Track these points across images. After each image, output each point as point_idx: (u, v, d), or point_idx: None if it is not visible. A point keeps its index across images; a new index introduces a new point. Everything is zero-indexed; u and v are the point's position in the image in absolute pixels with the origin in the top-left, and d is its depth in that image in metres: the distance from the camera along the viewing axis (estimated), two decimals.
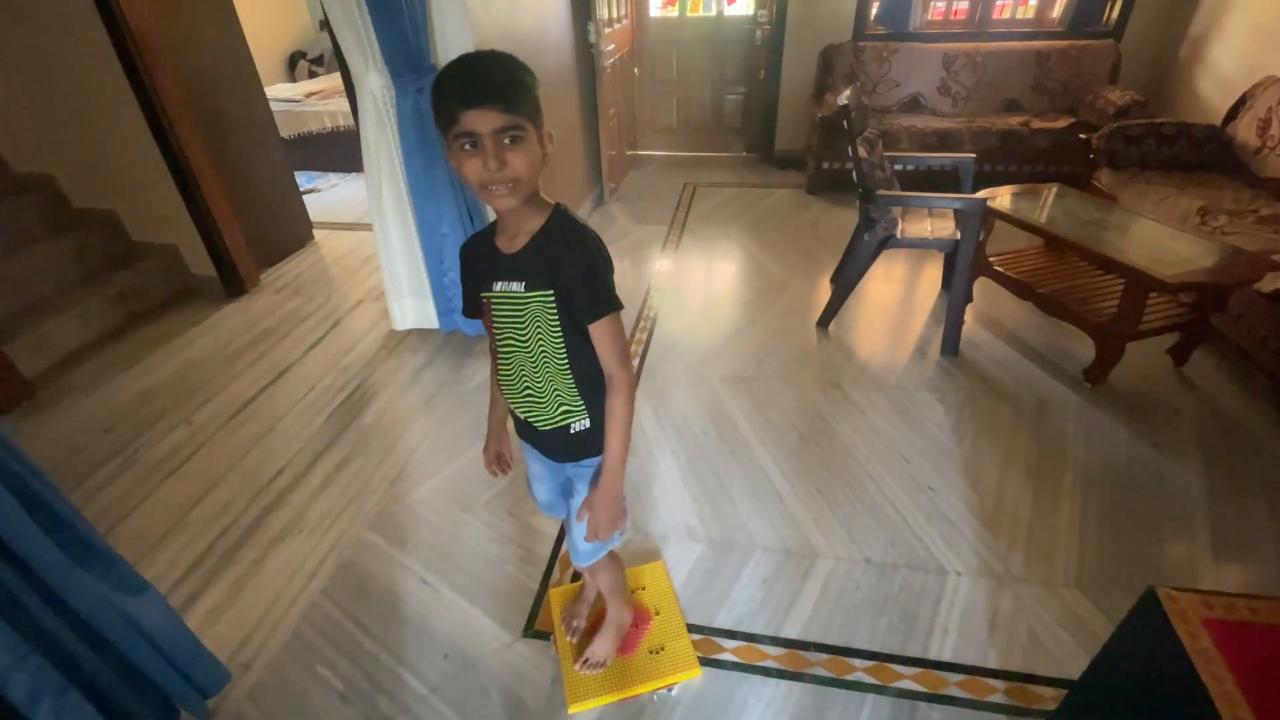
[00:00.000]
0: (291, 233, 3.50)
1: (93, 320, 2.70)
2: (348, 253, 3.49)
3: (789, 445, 1.98)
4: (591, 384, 0.97)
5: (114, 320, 2.77)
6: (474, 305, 1.00)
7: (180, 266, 3.01)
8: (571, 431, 1.00)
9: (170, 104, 2.61)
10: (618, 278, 0.92)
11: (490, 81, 0.77)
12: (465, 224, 2.31)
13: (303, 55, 5.73)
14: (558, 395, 0.98)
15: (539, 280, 0.89)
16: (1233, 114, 2.99)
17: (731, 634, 1.45)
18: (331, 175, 4.67)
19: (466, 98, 0.75)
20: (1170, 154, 2.96)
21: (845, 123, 2.27)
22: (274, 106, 4.33)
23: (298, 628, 1.49)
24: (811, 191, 4.04)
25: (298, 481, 1.91)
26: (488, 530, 1.72)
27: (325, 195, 4.37)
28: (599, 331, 0.91)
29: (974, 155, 2.52)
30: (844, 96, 2.32)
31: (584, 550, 1.12)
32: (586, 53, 3.53)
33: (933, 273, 3.01)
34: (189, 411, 2.25)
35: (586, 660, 1.35)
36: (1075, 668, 1.36)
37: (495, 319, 0.96)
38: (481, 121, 0.76)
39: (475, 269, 0.98)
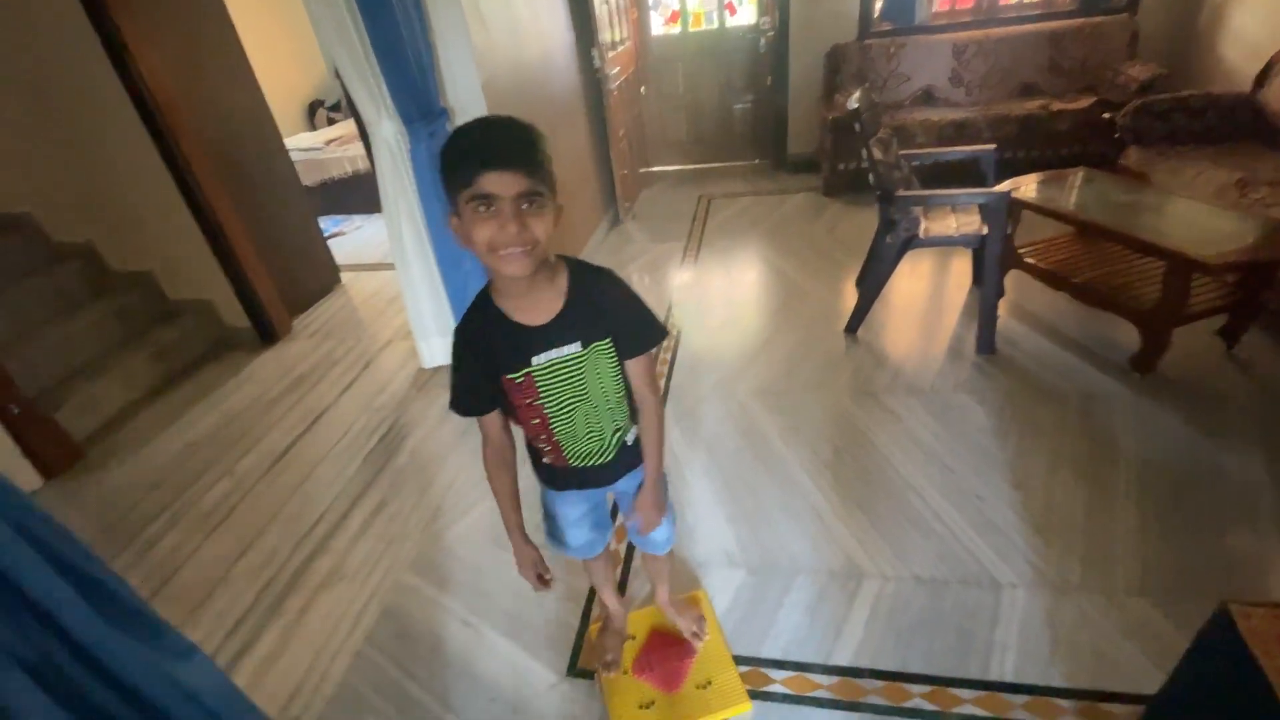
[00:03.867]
0: (320, 278, 3.59)
1: (136, 379, 2.79)
2: (374, 293, 3.56)
3: (825, 459, 1.94)
4: (631, 398, 1.03)
5: (156, 377, 2.87)
6: (483, 396, 0.94)
7: (216, 320, 3.11)
8: (628, 444, 1.06)
9: (195, 165, 2.71)
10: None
11: (513, 145, 0.75)
12: None
13: (321, 104, 5.91)
14: (614, 423, 1.02)
15: (594, 332, 0.91)
16: (1261, 80, 2.86)
17: (780, 664, 1.41)
18: (355, 218, 4.79)
19: (489, 160, 0.73)
20: (1200, 127, 2.84)
21: (857, 125, 2.24)
22: (295, 156, 4.48)
23: (344, 677, 1.50)
24: (827, 194, 3.99)
25: (337, 527, 1.94)
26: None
27: (350, 238, 4.48)
28: (643, 360, 0.97)
29: (994, 146, 2.46)
30: (854, 99, 2.29)
31: (662, 539, 1.24)
32: (592, 77, 3.56)
33: (960, 267, 2.94)
34: (231, 463, 2.30)
35: (695, 634, 1.44)
36: (1148, 683, 1.29)
37: (543, 390, 0.92)
38: (502, 184, 0.74)
39: (491, 356, 0.90)
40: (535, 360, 0.89)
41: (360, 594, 1.71)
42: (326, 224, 4.55)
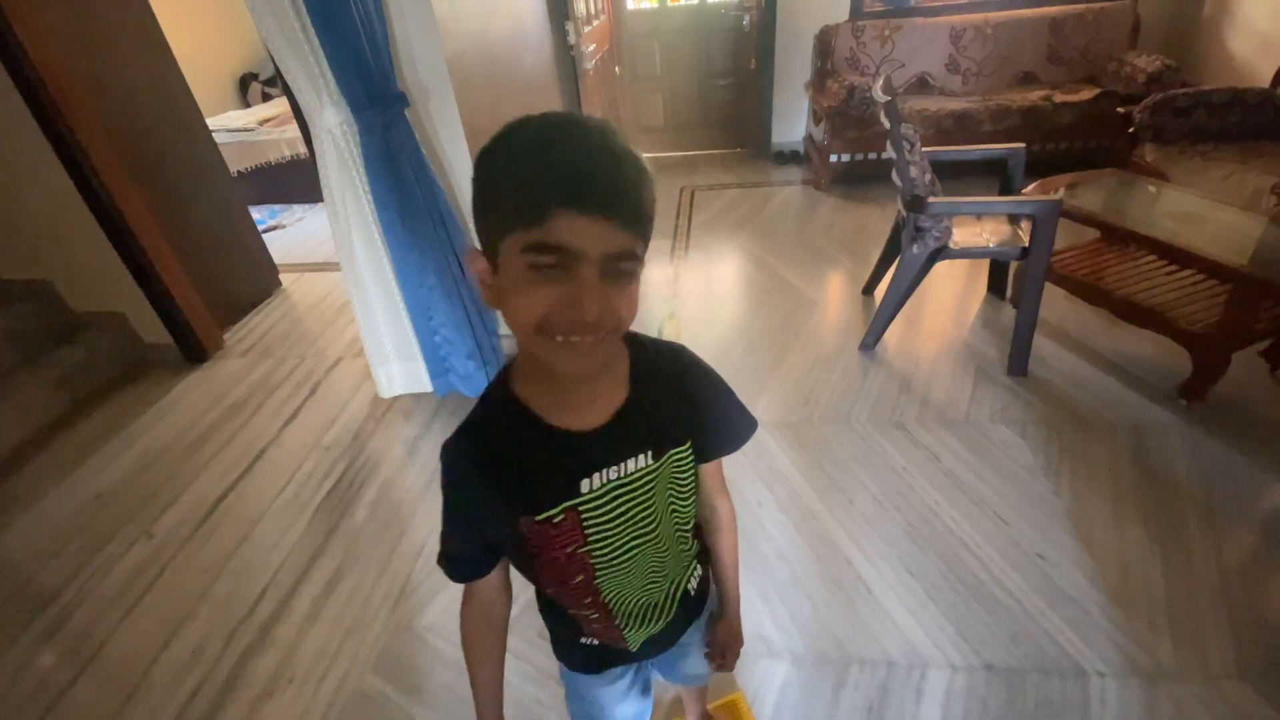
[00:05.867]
0: (254, 282, 3.14)
1: (33, 411, 2.34)
2: (321, 299, 3.13)
3: (862, 511, 1.69)
4: (695, 523, 0.76)
5: (58, 408, 2.41)
6: (492, 550, 0.65)
7: (130, 336, 2.65)
8: (692, 595, 0.78)
9: (95, 154, 2.25)
10: None
11: (616, 177, 0.46)
12: (454, 273, 1.98)
13: (254, 77, 5.31)
14: (680, 563, 0.73)
15: (670, 435, 0.63)
16: None
17: None
18: (295, 208, 4.28)
19: (576, 195, 0.44)
20: (1221, 124, 2.68)
21: (885, 120, 1.97)
22: (225, 138, 3.98)
23: None
24: (819, 188, 3.73)
25: (282, 609, 1.59)
26: (519, 664, 1.41)
27: (290, 232, 3.99)
28: (719, 461, 0.72)
29: (1024, 145, 2.23)
30: (877, 90, 2.01)
31: (708, 672, 0.93)
32: (566, 55, 3.19)
33: (965, 271, 2.73)
34: (149, 520, 1.91)
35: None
36: None
37: (594, 533, 0.61)
38: (589, 236, 0.45)
39: (512, 486, 0.59)
40: (586, 487, 0.59)
41: (313, 705, 1.37)
42: (261, 215, 4.06)
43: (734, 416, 0.69)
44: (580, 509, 0.59)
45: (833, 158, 3.57)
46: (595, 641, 0.74)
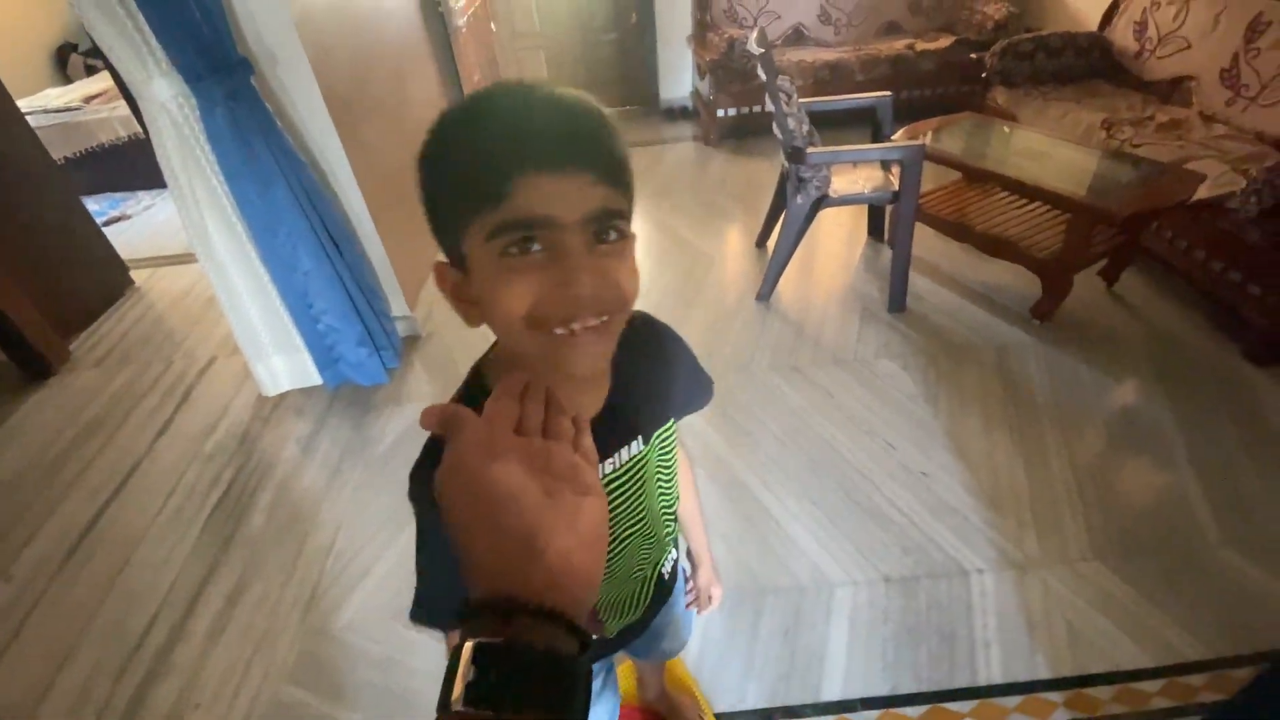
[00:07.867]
0: (99, 282, 2.79)
1: None
2: (184, 295, 2.84)
3: (767, 451, 1.77)
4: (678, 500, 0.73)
5: None
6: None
7: None
8: (665, 579, 0.74)
9: None
10: None
11: (572, 125, 0.40)
12: (330, 253, 1.85)
13: (73, 48, 4.64)
14: (662, 545, 0.70)
15: (656, 416, 0.60)
16: (1108, 18, 3.01)
17: (767, 714, 1.24)
18: (140, 195, 3.82)
19: (536, 154, 0.38)
20: (1058, 66, 2.94)
21: (761, 73, 2.00)
22: (43, 120, 3.49)
23: None
24: (709, 143, 3.77)
25: (179, 632, 1.47)
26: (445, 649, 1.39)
27: (138, 222, 3.57)
28: None
29: (890, 94, 2.34)
30: (753, 42, 2.03)
31: (687, 636, 0.94)
32: (435, 13, 3.00)
33: (848, 217, 2.87)
34: (4, 561, 1.70)
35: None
36: (1121, 655, 1.29)
37: None
38: (563, 198, 0.38)
39: None
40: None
41: None
42: (100, 206, 3.60)
43: (698, 374, 0.67)
44: None
45: (720, 112, 3.61)
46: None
